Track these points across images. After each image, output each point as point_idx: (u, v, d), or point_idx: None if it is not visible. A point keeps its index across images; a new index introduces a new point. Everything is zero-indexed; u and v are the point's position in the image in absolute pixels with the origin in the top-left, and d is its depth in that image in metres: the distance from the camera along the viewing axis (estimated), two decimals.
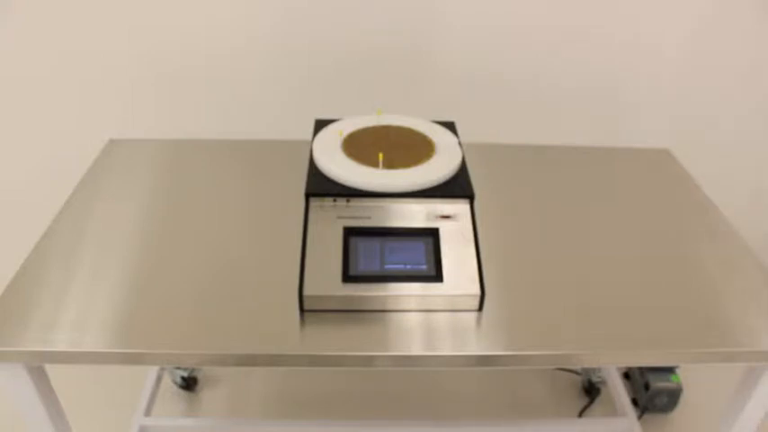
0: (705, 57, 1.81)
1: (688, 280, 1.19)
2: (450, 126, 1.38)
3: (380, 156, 1.20)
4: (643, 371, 1.87)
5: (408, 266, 1.10)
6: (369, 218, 1.14)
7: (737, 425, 1.18)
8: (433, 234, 1.13)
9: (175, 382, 1.88)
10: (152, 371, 1.74)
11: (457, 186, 1.19)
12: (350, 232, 1.12)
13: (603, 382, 1.89)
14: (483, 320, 1.09)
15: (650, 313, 1.11)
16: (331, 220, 1.13)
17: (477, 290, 1.08)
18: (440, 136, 1.32)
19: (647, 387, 1.83)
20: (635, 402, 1.87)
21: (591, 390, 1.91)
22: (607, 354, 1.06)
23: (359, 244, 1.11)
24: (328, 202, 1.15)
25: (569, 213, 1.38)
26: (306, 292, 1.06)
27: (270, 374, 1.96)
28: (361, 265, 1.09)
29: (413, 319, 1.08)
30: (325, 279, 1.07)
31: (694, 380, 1.88)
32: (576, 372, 1.99)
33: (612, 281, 1.17)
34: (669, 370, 1.85)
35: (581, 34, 1.75)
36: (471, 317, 1.09)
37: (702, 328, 1.08)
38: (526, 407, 1.91)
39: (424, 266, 1.10)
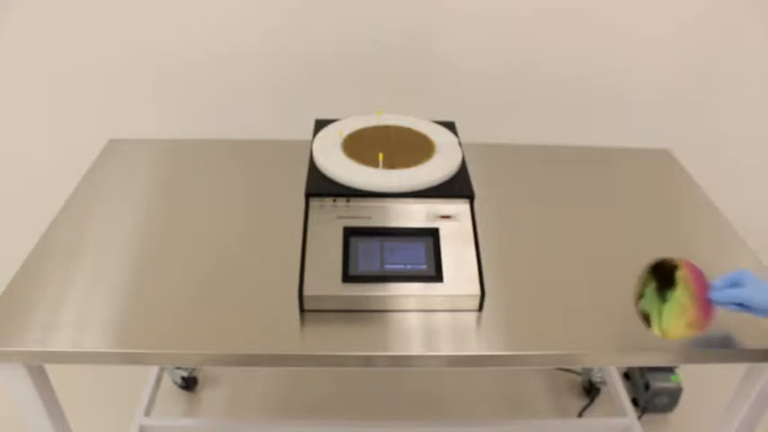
0: (706, 56, 1.81)
1: None
2: (451, 126, 1.38)
3: (380, 156, 1.20)
4: (643, 371, 1.87)
5: (408, 266, 1.10)
6: (369, 218, 1.14)
7: (737, 425, 1.18)
8: (432, 234, 1.13)
9: (175, 382, 1.88)
10: (152, 371, 1.74)
11: (457, 186, 1.19)
12: (350, 232, 1.12)
13: (603, 382, 1.89)
14: (483, 320, 1.09)
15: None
16: (331, 220, 1.13)
17: (477, 290, 1.08)
18: (440, 136, 1.32)
19: (647, 387, 1.83)
20: (635, 402, 1.87)
21: (591, 390, 1.91)
22: (607, 354, 1.06)
23: (359, 244, 1.11)
24: (328, 202, 1.15)
25: (569, 213, 1.38)
26: (306, 292, 1.06)
27: (270, 374, 1.96)
28: (361, 265, 1.09)
29: (413, 319, 1.08)
30: (325, 279, 1.07)
31: (694, 380, 1.88)
32: (576, 372, 1.99)
33: (613, 281, 1.17)
34: (669, 370, 1.85)
35: (581, 35, 1.75)
36: (471, 317, 1.09)
37: None
38: (526, 407, 1.91)
39: (424, 266, 1.10)
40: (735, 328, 1.06)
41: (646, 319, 1.00)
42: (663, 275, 1.01)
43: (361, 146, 1.26)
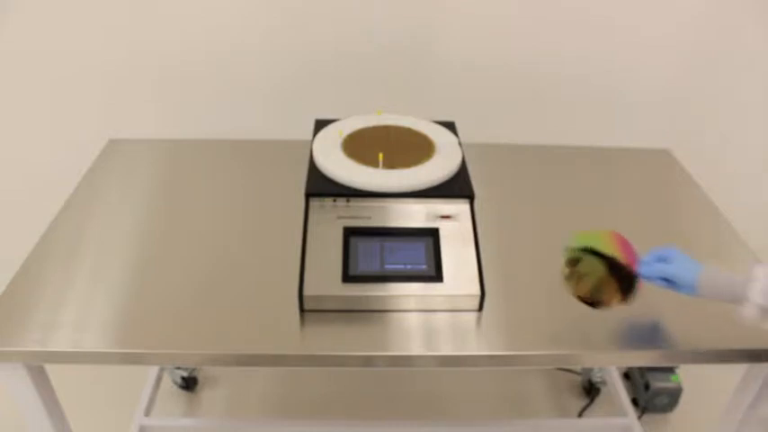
0: (706, 56, 1.81)
1: None
2: (451, 126, 1.38)
3: (380, 156, 1.20)
4: (643, 371, 1.86)
5: (408, 266, 1.10)
6: (369, 218, 1.14)
7: (737, 425, 1.18)
8: (432, 234, 1.13)
9: (175, 382, 1.88)
10: (152, 371, 1.74)
11: (457, 186, 1.19)
12: (350, 232, 1.12)
13: (603, 382, 1.89)
14: (483, 320, 1.09)
15: (651, 313, 1.11)
16: (331, 220, 1.13)
17: (477, 290, 1.08)
18: (440, 136, 1.32)
19: (647, 387, 1.83)
20: (635, 402, 1.87)
21: (591, 390, 1.91)
22: (607, 354, 1.06)
23: (359, 244, 1.11)
24: (328, 202, 1.15)
25: (569, 213, 1.38)
26: (306, 292, 1.06)
27: (270, 374, 1.96)
28: (361, 265, 1.09)
29: (413, 319, 1.08)
30: (326, 279, 1.07)
31: (694, 380, 1.88)
32: (576, 372, 1.99)
33: None
34: (669, 370, 1.85)
35: (581, 35, 1.75)
36: (471, 317, 1.09)
37: (702, 328, 1.08)
38: (526, 407, 1.90)
39: (424, 266, 1.10)
40: (734, 327, 1.06)
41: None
42: (623, 279, 1.03)
43: (361, 146, 1.26)
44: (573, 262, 1.04)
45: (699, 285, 0.97)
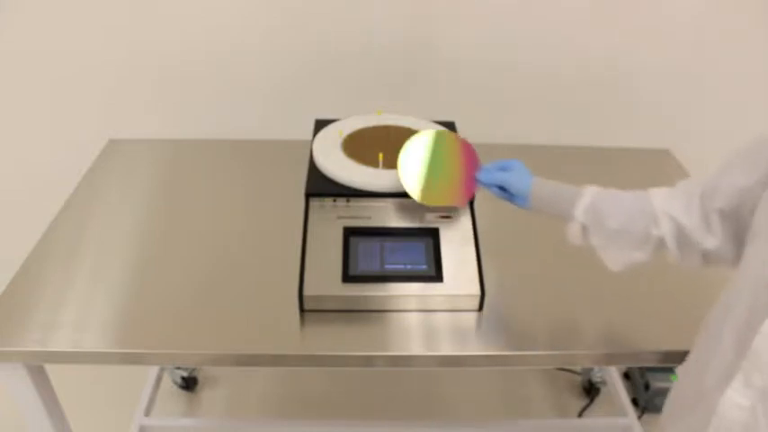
0: (706, 56, 1.81)
1: (687, 281, 1.19)
2: (451, 126, 1.38)
3: (380, 156, 1.20)
4: (643, 371, 1.86)
5: (408, 266, 1.10)
6: (369, 218, 1.14)
7: None
8: (432, 234, 1.13)
9: (175, 382, 1.88)
10: (152, 371, 1.74)
11: None
12: (350, 232, 1.12)
13: (603, 382, 1.89)
14: (483, 320, 1.09)
15: (650, 314, 1.11)
16: (331, 220, 1.13)
17: (477, 290, 1.08)
18: None
19: (647, 387, 1.83)
20: (635, 402, 1.87)
21: (591, 390, 1.91)
22: (607, 354, 1.06)
23: (359, 244, 1.11)
24: (328, 202, 1.15)
25: None
26: (306, 292, 1.06)
27: (270, 374, 1.96)
28: (361, 265, 1.09)
29: (413, 319, 1.08)
30: (326, 279, 1.07)
31: None
32: (576, 372, 1.99)
33: (612, 281, 1.16)
34: (669, 370, 1.85)
35: (581, 35, 1.75)
36: (471, 317, 1.09)
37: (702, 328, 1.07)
38: (526, 407, 1.90)
39: (424, 266, 1.10)
40: None
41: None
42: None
43: (361, 146, 1.26)
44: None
45: (531, 196, 0.98)
